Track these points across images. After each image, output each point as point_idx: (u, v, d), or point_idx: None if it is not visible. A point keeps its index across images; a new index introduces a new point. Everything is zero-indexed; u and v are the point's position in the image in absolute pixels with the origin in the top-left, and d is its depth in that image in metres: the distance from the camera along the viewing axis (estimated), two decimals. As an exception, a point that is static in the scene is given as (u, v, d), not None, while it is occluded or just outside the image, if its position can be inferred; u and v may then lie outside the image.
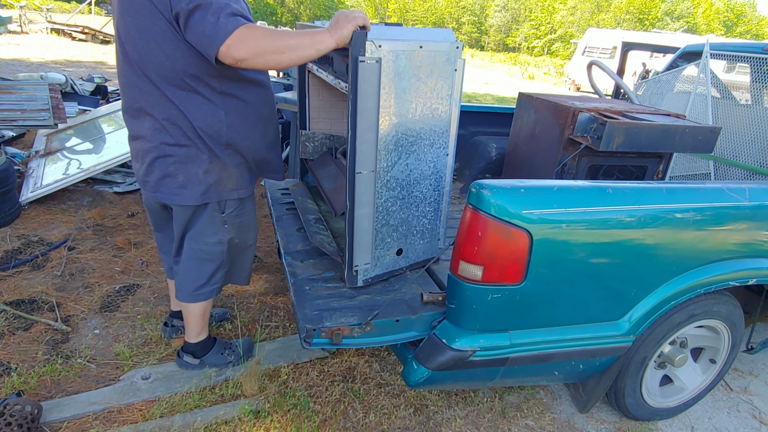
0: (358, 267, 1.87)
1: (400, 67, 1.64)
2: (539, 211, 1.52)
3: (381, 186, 1.78)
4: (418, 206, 1.93)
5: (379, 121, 1.67)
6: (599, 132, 2.23)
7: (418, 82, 1.71)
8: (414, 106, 1.74)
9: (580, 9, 47.41)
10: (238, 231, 1.98)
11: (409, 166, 1.83)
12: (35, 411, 1.81)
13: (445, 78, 1.77)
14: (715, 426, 2.29)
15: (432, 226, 2.02)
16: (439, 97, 1.79)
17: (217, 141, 1.75)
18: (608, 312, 1.77)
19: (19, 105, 4.34)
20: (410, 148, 1.81)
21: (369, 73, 1.58)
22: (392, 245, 1.93)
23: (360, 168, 1.70)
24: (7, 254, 2.97)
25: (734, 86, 3.61)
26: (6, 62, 9.30)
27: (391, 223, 1.88)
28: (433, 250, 2.09)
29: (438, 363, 1.63)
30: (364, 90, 1.59)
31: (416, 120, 1.77)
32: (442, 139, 1.88)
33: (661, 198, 1.66)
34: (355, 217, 1.77)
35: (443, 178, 1.95)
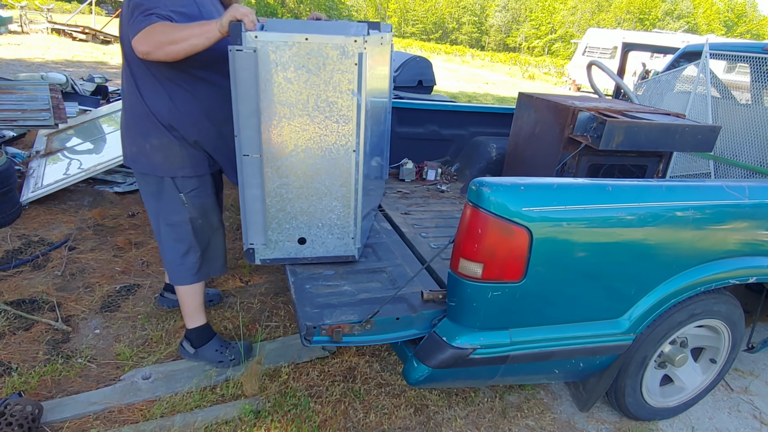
0: (254, 246, 1.97)
1: (282, 58, 1.70)
2: (539, 208, 1.52)
3: (272, 171, 1.85)
4: (321, 199, 1.94)
5: (261, 108, 1.75)
6: (599, 131, 2.23)
7: (308, 73, 1.74)
8: (305, 97, 1.77)
9: (580, 9, 47.41)
10: (200, 211, 2.10)
11: (306, 157, 1.86)
12: (36, 411, 1.81)
13: (342, 72, 1.75)
14: (715, 426, 2.29)
15: (342, 223, 1.99)
16: (337, 91, 1.78)
17: (161, 120, 1.93)
18: (608, 310, 1.77)
19: (19, 105, 4.34)
20: (307, 139, 1.83)
21: (245, 62, 1.68)
22: (292, 232, 1.98)
23: (246, 151, 1.81)
24: (7, 254, 2.97)
25: (734, 86, 3.61)
26: (7, 62, 9.31)
27: (288, 210, 1.93)
28: (348, 249, 2.05)
29: (438, 361, 1.63)
30: (242, 77, 1.70)
31: (310, 112, 1.79)
32: (346, 135, 1.85)
33: (661, 196, 1.66)
34: (246, 198, 1.89)
35: (351, 174, 1.91)
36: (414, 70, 6.34)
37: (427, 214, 2.70)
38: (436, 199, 2.96)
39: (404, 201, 2.88)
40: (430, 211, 2.75)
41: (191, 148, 2.01)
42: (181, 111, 1.93)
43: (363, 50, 1.73)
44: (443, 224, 2.56)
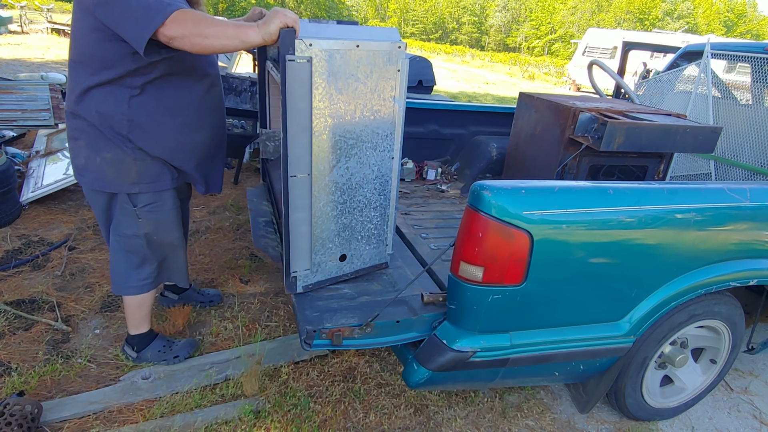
0: (297, 273, 1.82)
1: (334, 67, 1.59)
2: (540, 211, 1.52)
3: (319, 190, 1.74)
4: (362, 211, 1.88)
5: (313, 123, 1.63)
6: (600, 132, 2.23)
7: (357, 82, 1.66)
8: (353, 107, 1.69)
9: (580, 9, 47.40)
10: (155, 227, 1.98)
11: (350, 170, 1.78)
12: (35, 411, 1.81)
13: (386, 78, 1.71)
14: (715, 426, 2.29)
15: (378, 232, 1.96)
16: (381, 99, 1.73)
17: (116, 132, 1.77)
18: (609, 313, 1.77)
19: (19, 105, 4.34)
20: (350, 151, 1.75)
21: (299, 73, 1.54)
22: (334, 251, 1.88)
23: (294, 171, 1.67)
24: (7, 254, 2.97)
25: (735, 86, 3.61)
26: (6, 62, 9.30)
27: (332, 228, 1.83)
28: (381, 256, 2.03)
29: (438, 364, 1.63)
30: (295, 90, 1.56)
31: (356, 122, 1.72)
32: (386, 142, 1.82)
33: (662, 198, 1.66)
34: (291, 222, 1.73)
35: (389, 182, 1.89)
36: (414, 70, 6.33)
37: (428, 214, 2.69)
38: (436, 199, 2.96)
39: (404, 201, 2.87)
40: (431, 211, 2.75)
41: (150, 162, 1.86)
42: (142, 122, 1.78)
43: (405, 57, 1.70)
44: (443, 225, 2.56)
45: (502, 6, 54.50)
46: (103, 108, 1.75)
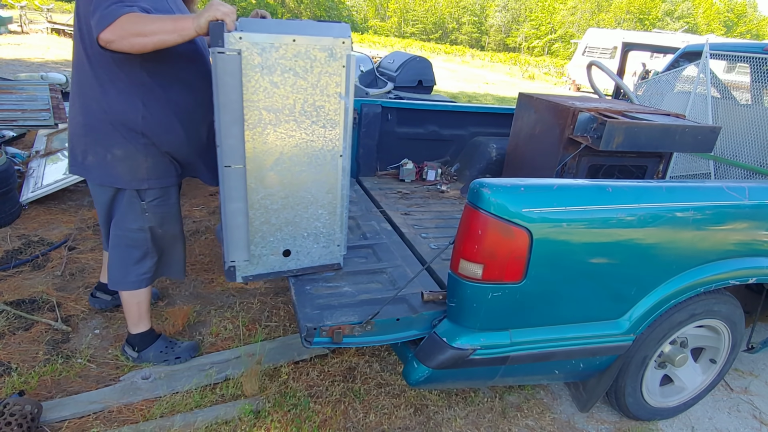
0: (235, 263, 1.85)
1: (269, 61, 1.60)
2: (539, 209, 1.52)
3: (255, 182, 1.75)
4: (308, 208, 1.86)
5: (246, 115, 1.65)
6: (599, 132, 2.23)
7: (295, 77, 1.66)
8: (292, 102, 1.69)
9: (580, 9, 47.43)
10: (161, 221, 2.02)
11: (292, 165, 1.78)
12: (35, 411, 1.81)
13: (330, 74, 1.68)
14: (715, 426, 2.29)
15: (328, 231, 1.93)
16: (325, 95, 1.71)
17: (131, 129, 1.82)
18: (608, 311, 1.77)
19: (19, 105, 4.34)
20: (293, 146, 1.75)
21: (229, 65, 1.56)
22: (277, 245, 1.88)
23: (228, 162, 1.69)
24: (7, 254, 2.97)
25: (734, 86, 3.61)
26: (6, 62, 9.31)
27: (273, 221, 1.83)
28: (333, 257, 1.99)
29: (438, 362, 1.63)
30: (225, 82, 1.58)
31: (296, 117, 1.71)
32: (333, 140, 1.80)
33: (661, 197, 1.67)
34: (227, 212, 1.76)
35: (337, 180, 1.86)
36: (414, 70, 6.34)
37: (427, 214, 2.70)
38: (436, 200, 2.97)
39: (404, 201, 2.88)
40: (430, 211, 2.75)
41: (160, 157, 1.91)
42: (155, 117, 1.83)
43: (350, 52, 1.68)
44: (443, 225, 2.56)
45: (502, 6, 54.54)
46: (116, 105, 1.78)
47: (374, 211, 2.70)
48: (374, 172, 3.30)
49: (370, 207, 2.74)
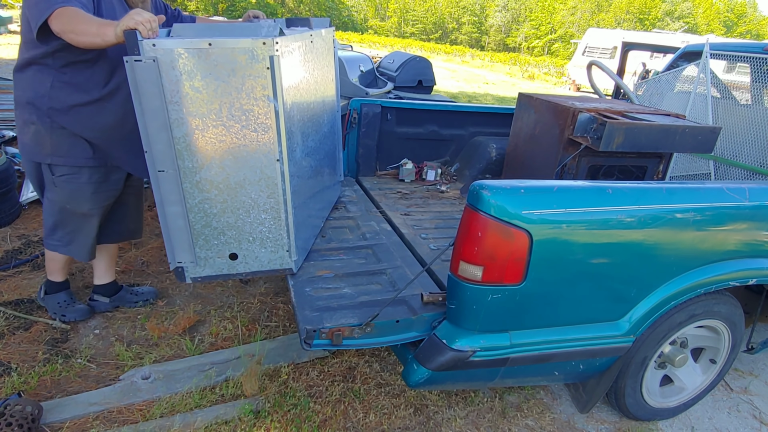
0: (182, 264, 1.90)
1: (187, 66, 1.61)
2: (539, 211, 1.52)
3: (190, 186, 1.77)
4: (249, 212, 1.85)
5: (171, 121, 1.66)
6: (599, 132, 2.23)
7: (218, 81, 1.64)
8: (217, 106, 1.67)
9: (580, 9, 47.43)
10: (68, 197, 2.17)
11: (226, 169, 1.77)
12: (35, 411, 1.81)
13: (255, 77, 1.65)
14: (715, 426, 2.29)
15: (274, 236, 1.90)
16: (252, 98, 1.68)
17: (38, 108, 2.00)
18: (608, 312, 1.77)
19: (19, 105, 4.32)
20: (224, 151, 1.74)
21: (147, 73, 1.58)
22: (222, 249, 1.89)
23: (161, 166, 1.73)
24: (7, 254, 2.97)
25: (734, 86, 3.61)
26: (6, 62, 9.30)
27: (214, 225, 1.84)
28: (283, 262, 1.96)
29: (438, 363, 1.63)
30: (146, 89, 1.60)
31: (224, 122, 1.70)
32: (268, 143, 1.75)
33: (661, 198, 1.66)
34: (167, 214, 1.80)
35: (277, 184, 1.82)
36: (414, 70, 6.34)
37: (427, 214, 2.69)
38: (435, 200, 2.96)
39: (404, 202, 2.88)
40: (430, 211, 2.75)
41: (66, 137, 2.05)
42: (60, 100, 1.98)
43: (275, 53, 1.62)
44: (443, 225, 2.56)
45: (502, 6, 54.53)
46: (31, 85, 1.99)
47: (374, 211, 2.70)
48: (374, 172, 3.30)
49: (370, 207, 2.74)
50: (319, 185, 2.34)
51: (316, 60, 2.18)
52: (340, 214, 2.60)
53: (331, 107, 2.53)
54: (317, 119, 2.26)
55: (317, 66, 2.22)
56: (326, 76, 2.40)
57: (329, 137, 2.53)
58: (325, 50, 2.35)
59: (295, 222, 1.91)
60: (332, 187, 2.67)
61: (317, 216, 2.35)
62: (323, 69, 2.33)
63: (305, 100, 2.02)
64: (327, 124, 2.46)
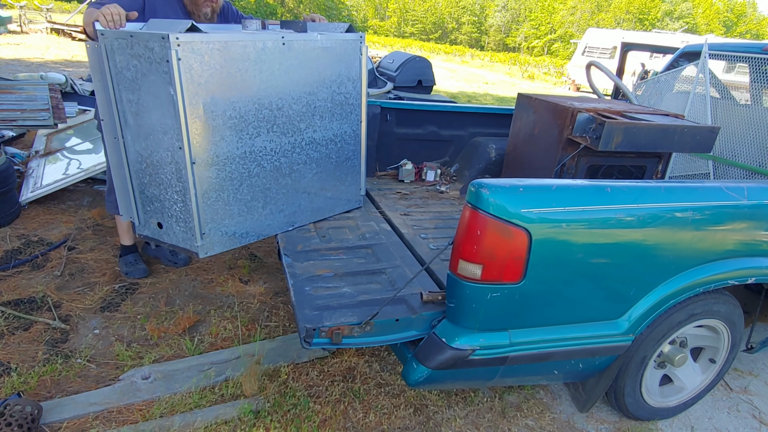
0: (132, 218, 2.22)
1: (121, 54, 1.89)
2: (538, 210, 1.52)
3: (130, 154, 2.08)
4: (166, 190, 2.04)
5: (114, 98, 1.98)
6: (598, 132, 2.23)
7: (138, 69, 1.87)
8: (141, 91, 1.91)
9: (580, 9, 47.46)
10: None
11: (149, 147, 2.00)
12: (35, 411, 1.81)
13: (161, 70, 1.82)
14: (714, 426, 2.30)
15: (185, 217, 2.04)
16: (162, 88, 1.86)
17: None
18: (607, 311, 1.77)
19: (19, 105, 4.33)
20: (147, 130, 1.98)
21: (95, 56, 1.95)
22: (153, 216, 2.16)
23: (113, 134, 2.08)
24: (7, 254, 2.97)
25: (733, 86, 3.61)
26: (6, 62, 9.30)
27: (147, 194, 2.12)
28: (191, 243, 2.08)
29: (438, 362, 1.63)
30: (96, 70, 1.98)
31: (145, 106, 1.94)
32: (173, 131, 1.92)
33: (660, 197, 1.67)
34: (117, 177, 2.15)
35: (182, 170, 1.95)
36: (414, 70, 6.35)
37: (427, 215, 2.70)
38: (435, 200, 2.97)
39: (404, 202, 2.88)
40: (430, 212, 2.75)
41: None
42: None
43: (176, 48, 1.77)
44: (443, 225, 2.56)
45: (501, 6, 54.55)
46: None
47: (373, 211, 2.70)
48: (373, 173, 3.30)
49: (370, 207, 2.74)
50: (293, 186, 2.34)
51: (287, 61, 2.14)
52: (340, 214, 2.61)
53: (336, 113, 2.45)
54: (293, 121, 2.25)
55: (293, 67, 2.17)
56: (325, 80, 2.33)
57: (334, 144, 2.48)
58: (318, 54, 2.26)
59: (209, 210, 2.07)
60: (335, 198, 2.59)
61: (278, 217, 2.35)
62: (311, 71, 2.25)
63: (253, 98, 2.07)
64: (325, 130, 2.42)
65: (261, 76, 2.07)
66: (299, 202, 2.42)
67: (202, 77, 1.87)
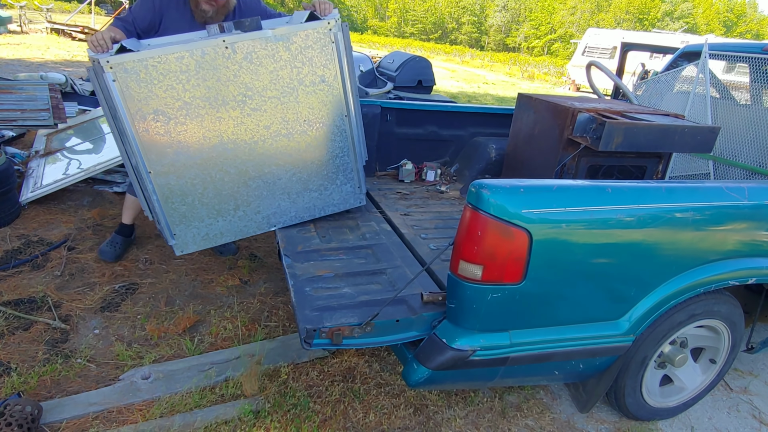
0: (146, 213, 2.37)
1: (96, 73, 2.00)
2: (539, 210, 1.52)
3: (129, 161, 2.20)
4: (149, 193, 2.20)
5: (107, 114, 2.09)
6: (598, 132, 2.23)
7: (102, 93, 2.03)
8: (111, 113, 2.06)
9: (580, 9, 47.45)
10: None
11: (125, 158, 2.18)
12: (35, 411, 1.81)
13: (107, 93, 1.98)
14: (715, 426, 2.30)
15: (161, 218, 2.22)
16: (113, 111, 2.04)
17: None
18: (608, 311, 1.77)
19: (19, 105, 4.32)
20: (120, 144, 2.15)
21: (91, 76, 2.05)
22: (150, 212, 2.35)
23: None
24: (7, 254, 2.96)
25: (733, 86, 3.62)
26: (6, 62, 9.30)
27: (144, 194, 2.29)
28: (168, 242, 2.30)
29: (438, 363, 1.63)
30: (95, 86, 2.07)
31: (112, 124, 2.10)
32: (129, 145, 2.07)
33: (660, 197, 1.67)
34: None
35: (144, 178, 2.11)
36: (414, 70, 6.34)
37: (427, 215, 2.70)
38: (435, 200, 2.96)
39: (404, 202, 2.88)
40: (430, 212, 2.75)
41: None
42: None
43: (108, 70, 1.90)
44: (443, 225, 2.56)
45: (501, 6, 54.56)
46: None
47: (373, 211, 2.70)
48: (373, 173, 3.30)
49: (370, 207, 2.74)
50: (267, 188, 2.34)
51: (235, 65, 2.08)
52: (340, 215, 2.60)
53: (311, 111, 2.33)
54: (257, 125, 2.21)
55: (245, 71, 2.10)
56: (289, 78, 2.21)
57: (312, 144, 2.38)
58: (274, 52, 2.13)
59: (175, 213, 2.21)
60: (325, 197, 2.53)
61: (256, 218, 2.39)
62: (268, 73, 2.15)
63: (202, 107, 2.09)
64: (299, 132, 2.32)
65: (207, 84, 2.05)
66: (278, 203, 2.39)
67: (141, 94, 1.97)
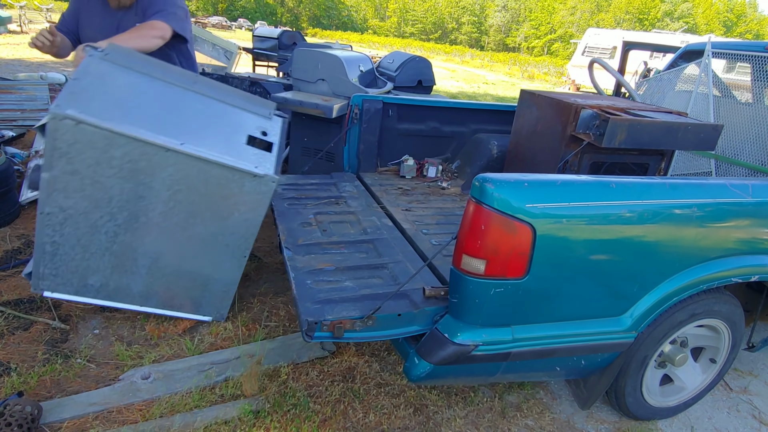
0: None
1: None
2: (543, 205, 1.51)
3: None
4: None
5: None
6: (602, 129, 2.22)
7: None
8: None
9: (579, 9, 47.46)
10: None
11: None
12: (35, 411, 1.80)
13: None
14: (714, 426, 2.28)
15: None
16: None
17: None
18: (610, 308, 1.76)
19: (19, 105, 4.33)
20: None
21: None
22: None
23: None
24: (6, 254, 2.95)
25: (735, 85, 3.61)
26: (6, 62, 9.29)
27: None
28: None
29: (440, 357, 1.62)
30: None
31: None
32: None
33: (664, 193, 1.66)
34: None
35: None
36: (413, 70, 6.32)
37: (428, 210, 2.69)
38: (437, 196, 2.96)
39: (405, 198, 2.87)
40: (431, 207, 2.74)
41: None
42: None
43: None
44: (444, 221, 2.55)
45: (501, 6, 54.60)
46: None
47: (375, 206, 2.69)
48: (375, 168, 3.29)
49: (371, 203, 2.73)
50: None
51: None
52: (342, 209, 2.60)
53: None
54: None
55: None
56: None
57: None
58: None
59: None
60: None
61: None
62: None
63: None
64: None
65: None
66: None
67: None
